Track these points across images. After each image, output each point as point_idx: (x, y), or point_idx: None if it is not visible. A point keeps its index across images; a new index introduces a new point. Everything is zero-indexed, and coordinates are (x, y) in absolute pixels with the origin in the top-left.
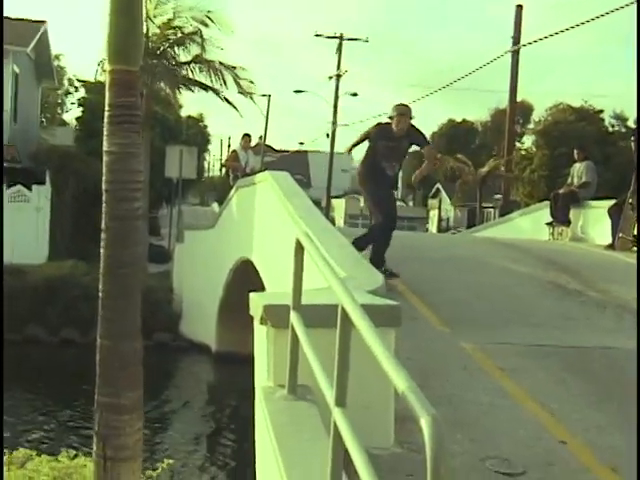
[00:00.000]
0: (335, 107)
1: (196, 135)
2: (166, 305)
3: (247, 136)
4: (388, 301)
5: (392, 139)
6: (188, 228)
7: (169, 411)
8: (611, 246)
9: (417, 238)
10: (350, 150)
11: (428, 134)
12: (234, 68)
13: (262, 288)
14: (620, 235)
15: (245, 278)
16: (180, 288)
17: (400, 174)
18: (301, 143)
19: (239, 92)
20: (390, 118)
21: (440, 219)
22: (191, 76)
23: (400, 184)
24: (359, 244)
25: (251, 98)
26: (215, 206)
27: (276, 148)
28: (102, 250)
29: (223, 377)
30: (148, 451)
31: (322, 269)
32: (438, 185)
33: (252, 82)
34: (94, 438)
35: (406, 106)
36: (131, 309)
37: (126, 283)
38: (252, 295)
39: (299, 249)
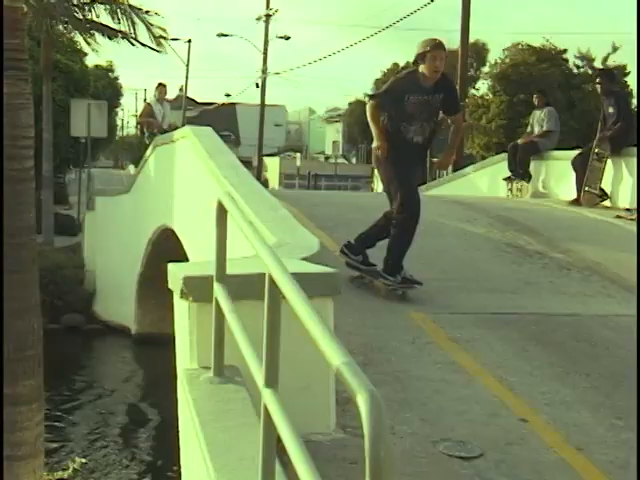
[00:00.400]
0: (265, 53)
1: (106, 87)
2: (77, 283)
3: (162, 86)
4: (324, 268)
5: (423, 91)
6: (100, 194)
7: (82, 403)
8: (576, 201)
9: (360, 198)
10: (375, 116)
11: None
12: (147, 12)
13: (186, 260)
14: (586, 189)
15: (166, 250)
16: (93, 263)
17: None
18: (228, 95)
19: (152, 40)
20: (415, 63)
21: None
22: (97, 19)
23: (341, 141)
24: (367, 241)
25: (164, 48)
26: (131, 168)
27: (199, 101)
28: None
29: (145, 362)
30: (57, 449)
31: (247, 233)
32: None
33: (164, 30)
34: None
35: (441, 42)
36: (28, 283)
37: (21, 254)
38: (170, 266)
39: (221, 212)
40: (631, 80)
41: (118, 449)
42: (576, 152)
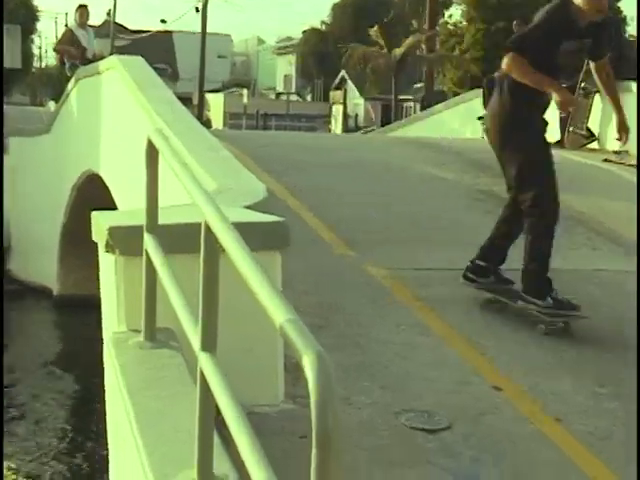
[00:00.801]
0: None
1: (18, 9)
2: None
3: (83, 7)
4: (271, 217)
5: (577, 34)
6: (15, 134)
7: None
8: (559, 143)
9: (316, 139)
10: (524, 66)
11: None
12: None
13: (115, 210)
14: (570, 129)
15: (93, 197)
16: (7, 214)
17: None
18: (163, 21)
19: None
20: None
21: (346, 116)
22: None
23: (294, 75)
24: (495, 253)
25: None
26: (51, 105)
27: (130, 28)
28: None
29: (69, 328)
30: None
31: (180, 176)
32: (342, 73)
33: None
34: None
35: None
36: None
37: None
38: (95, 215)
39: (152, 152)
40: (626, 5)
41: (35, 430)
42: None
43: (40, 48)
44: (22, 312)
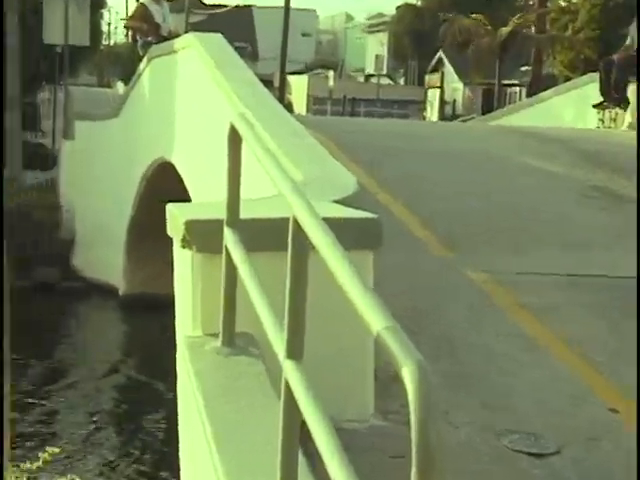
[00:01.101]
0: None
1: None
2: (52, 229)
3: None
4: (363, 213)
5: None
6: (81, 118)
7: (58, 380)
8: None
9: (409, 127)
10: None
11: None
12: None
13: (189, 202)
14: None
15: (164, 189)
16: (71, 205)
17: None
18: None
19: None
20: None
21: (443, 102)
22: None
23: (386, 56)
24: None
25: None
26: (120, 86)
27: (207, 2)
28: None
29: (136, 330)
30: (25, 436)
31: (266, 166)
32: (440, 54)
33: None
34: None
35: None
36: None
37: None
38: (170, 207)
39: (234, 139)
40: None
41: (102, 438)
42: None
43: (109, 24)
44: (86, 311)
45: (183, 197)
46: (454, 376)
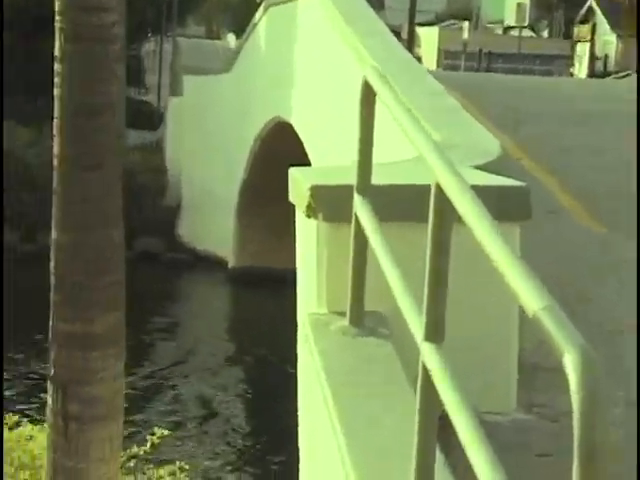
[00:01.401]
0: None
1: None
2: (156, 195)
3: None
4: (509, 181)
5: None
6: (190, 72)
7: (165, 358)
8: None
9: (555, 85)
10: None
11: None
12: None
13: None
14: None
15: (280, 151)
16: (178, 168)
17: None
18: None
19: None
20: None
21: (594, 57)
22: None
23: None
24: None
25: None
26: (231, 38)
27: None
28: (56, 93)
29: (246, 305)
30: (131, 418)
31: (405, 127)
32: (591, 2)
33: None
34: (49, 387)
35: None
36: (108, 181)
37: (98, 143)
38: (293, 172)
39: (367, 95)
40: None
41: (213, 421)
42: None
43: None
44: (192, 285)
45: (301, 161)
46: (612, 366)
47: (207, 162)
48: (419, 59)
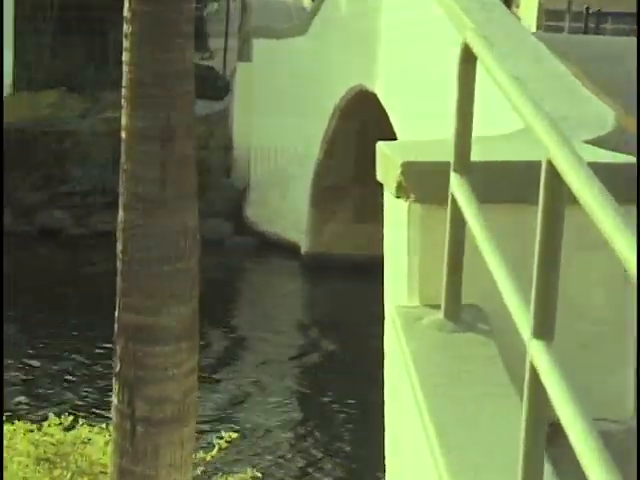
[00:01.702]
0: None
1: None
2: (221, 173)
3: None
4: (628, 158)
5: None
6: (259, 35)
7: (233, 351)
8: None
9: None
10: None
11: None
12: None
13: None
14: None
15: (362, 125)
16: (246, 143)
17: None
18: None
19: None
20: None
21: None
22: None
23: None
24: None
25: None
26: None
27: None
28: (125, 58)
29: (322, 295)
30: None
31: (512, 96)
32: None
33: None
34: (114, 386)
35: None
36: (179, 158)
37: (171, 114)
38: (382, 146)
39: (467, 60)
40: None
41: (288, 421)
42: None
43: None
44: (263, 272)
45: (386, 137)
46: None
47: (279, 137)
48: (518, 19)
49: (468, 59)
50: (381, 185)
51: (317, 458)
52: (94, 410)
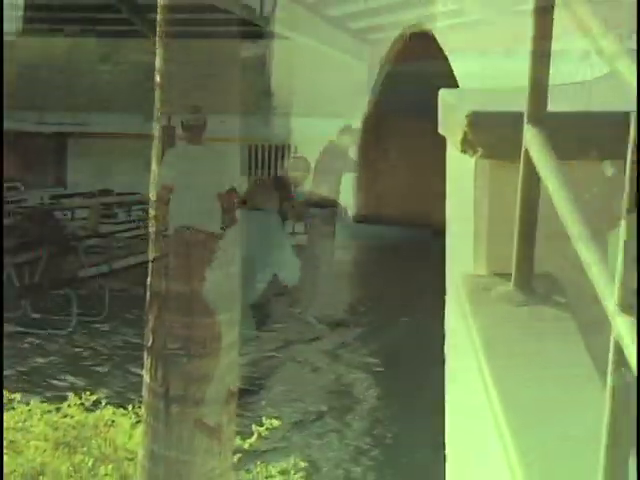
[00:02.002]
0: None
1: None
2: None
3: None
4: None
5: None
6: None
7: (265, 328)
8: None
9: None
10: None
11: None
12: None
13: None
14: None
15: (416, 71)
16: (286, 100)
17: None
18: None
19: None
20: None
21: None
22: None
23: None
24: None
25: None
26: None
27: None
28: None
29: (369, 263)
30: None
31: (596, 35)
32: None
33: None
34: (145, 360)
35: None
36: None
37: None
38: (445, 94)
39: None
40: None
41: (332, 406)
42: None
43: None
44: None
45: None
46: None
47: (314, 90)
48: None
49: None
50: (443, 139)
51: None
52: None
